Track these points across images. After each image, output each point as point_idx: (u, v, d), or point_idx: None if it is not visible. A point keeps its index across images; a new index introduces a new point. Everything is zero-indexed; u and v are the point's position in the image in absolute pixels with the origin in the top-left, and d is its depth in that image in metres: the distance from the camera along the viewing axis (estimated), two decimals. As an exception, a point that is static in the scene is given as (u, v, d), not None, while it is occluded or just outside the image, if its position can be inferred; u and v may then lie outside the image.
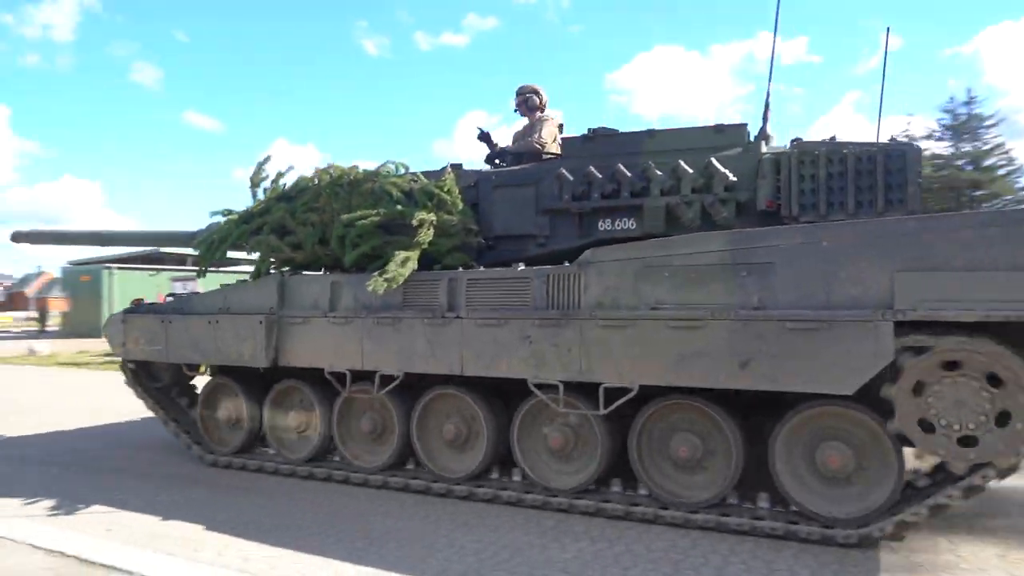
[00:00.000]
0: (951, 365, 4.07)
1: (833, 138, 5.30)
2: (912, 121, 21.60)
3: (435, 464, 5.81)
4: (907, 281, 4.07)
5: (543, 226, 5.94)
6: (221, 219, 6.77)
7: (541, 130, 6.58)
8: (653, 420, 5.05)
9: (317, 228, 6.16)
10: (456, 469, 5.71)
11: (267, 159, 6.63)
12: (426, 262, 5.80)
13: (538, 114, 6.77)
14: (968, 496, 4.27)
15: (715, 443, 4.90)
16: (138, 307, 7.10)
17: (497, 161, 6.65)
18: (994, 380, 3.98)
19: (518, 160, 6.43)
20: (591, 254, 5.04)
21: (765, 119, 5.58)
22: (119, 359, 7.19)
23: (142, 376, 7.23)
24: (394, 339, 5.64)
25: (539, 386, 5.14)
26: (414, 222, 5.67)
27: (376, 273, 5.43)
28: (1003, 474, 4.20)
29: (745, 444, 4.80)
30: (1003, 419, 3.96)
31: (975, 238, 3.98)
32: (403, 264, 5.49)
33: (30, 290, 60.20)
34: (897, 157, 5.02)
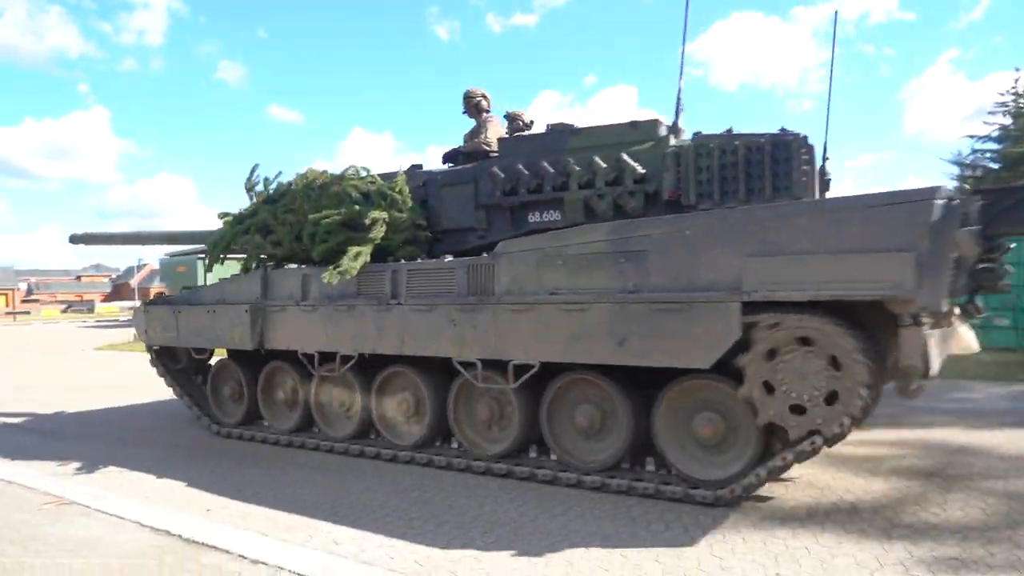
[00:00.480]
0: (805, 340, 4.46)
1: (729, 130, 5.65)
2: (1020, 76, 20.40)
3: (392, 434, 6.57)
4: (753, 265, 4.47)
5: (481, 220, 6.54)
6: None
7: (486, 131, 7.16)
8: (560, 393, 5.61)
9: (294, 227, 6.97)
10: (408, 439, 6.44)
11: (257, 166, 7.49)
12: (382, 255, 6.51)
13: (484, 115, 7.34)
14: (800, 460, 4.64)
15: (611, 413, 5.43)
16: (157, 299, 8.17)
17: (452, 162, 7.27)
18: (835, 362, 4.35)
19: (468, 159, 7.04)
20: (503, 246, 5.63)
21: (676, 114, 5.96)
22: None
23: (165, 358, 8.31)
24: (350, 324, 6.41)
25: (464, 364, 5.78)
26: (367, 220, 6.38)
27: (331, 266, 6.19)
28: (831, 442, 4.56)
29: (636, 414, 5.30)
30: (831, 399, 4.35)
31: (808, 225, 4.35)
32: (355, 258, 6.22)
33: (133, 281, 64.90)
34: (783, 147, 5.34)
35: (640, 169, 5.82)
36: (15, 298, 72.43)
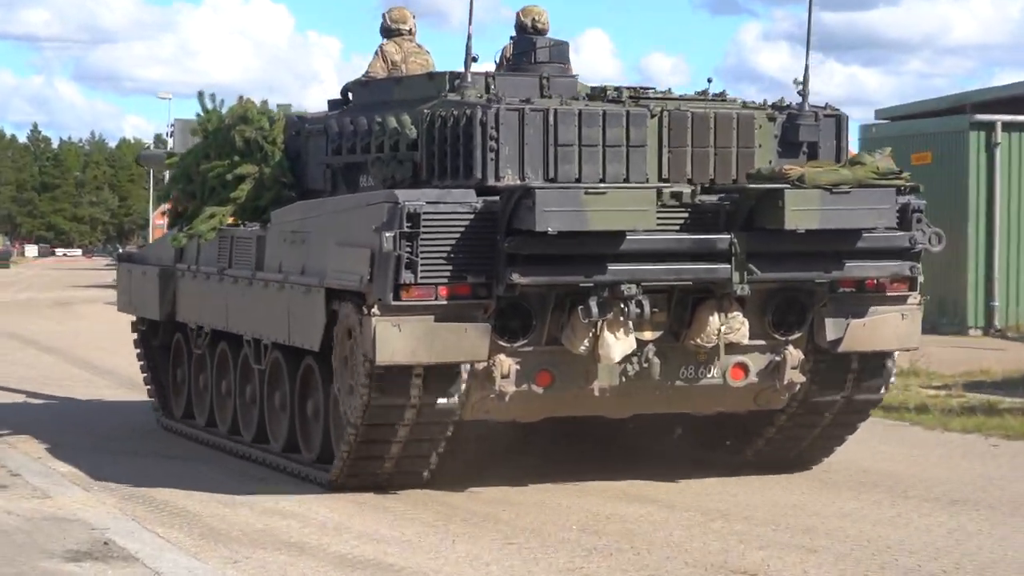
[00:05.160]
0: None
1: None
2: None
3: None
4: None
5: (328, 181, 5.73)
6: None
7: (370, 63, 5.97)
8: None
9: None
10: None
11: (204, 93, 7.08)
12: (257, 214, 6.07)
13: (382, 42, 6.07)
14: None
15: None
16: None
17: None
18: None
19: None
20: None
21: (465, 64, 4.64)
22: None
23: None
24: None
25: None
26: (229, 176, 6.02)
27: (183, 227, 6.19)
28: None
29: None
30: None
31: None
32: (208, 219, 6.03)
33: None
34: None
35: (412, 134, 4.68)
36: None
